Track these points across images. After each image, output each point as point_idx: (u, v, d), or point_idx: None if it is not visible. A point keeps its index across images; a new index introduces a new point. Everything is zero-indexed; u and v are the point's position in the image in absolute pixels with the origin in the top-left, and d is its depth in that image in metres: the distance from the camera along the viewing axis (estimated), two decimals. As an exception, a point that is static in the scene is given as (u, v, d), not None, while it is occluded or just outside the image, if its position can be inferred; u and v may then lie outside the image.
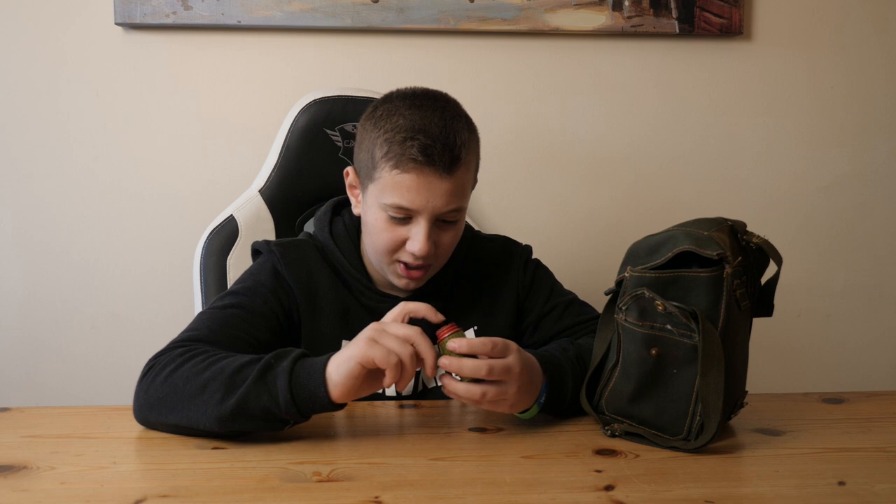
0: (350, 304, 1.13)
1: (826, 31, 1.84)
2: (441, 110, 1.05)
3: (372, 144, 1.06)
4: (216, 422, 0.88)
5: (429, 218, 1.05)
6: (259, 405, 0.87)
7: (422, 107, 1.05)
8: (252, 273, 1.12)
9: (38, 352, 1.80)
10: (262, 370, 0.88)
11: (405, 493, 0.77)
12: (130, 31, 1.74)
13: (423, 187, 1.03)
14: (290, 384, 0.86)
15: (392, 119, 1.04)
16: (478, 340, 0.90)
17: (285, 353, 0.90)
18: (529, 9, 1.74)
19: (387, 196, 1.04)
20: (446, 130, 1.03)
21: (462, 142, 1.05)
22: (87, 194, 1.77)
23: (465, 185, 1.08)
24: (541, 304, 1.21)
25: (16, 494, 0.76)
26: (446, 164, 1.03)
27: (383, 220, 1.06)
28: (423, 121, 1.03)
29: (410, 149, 1.01)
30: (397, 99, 1.08)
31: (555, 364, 1.00)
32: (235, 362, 0.89)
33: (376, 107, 1.09)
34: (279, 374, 0.87)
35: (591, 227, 1.85)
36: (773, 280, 0.98)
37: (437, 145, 1.02)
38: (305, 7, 1.71)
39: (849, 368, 1.94)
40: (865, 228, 1.91)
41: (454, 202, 1.05)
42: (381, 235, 1.07)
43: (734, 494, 0.78)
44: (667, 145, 1.85)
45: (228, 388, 0.87)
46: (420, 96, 1.07)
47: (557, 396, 0.99)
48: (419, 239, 1.05)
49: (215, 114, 1.77)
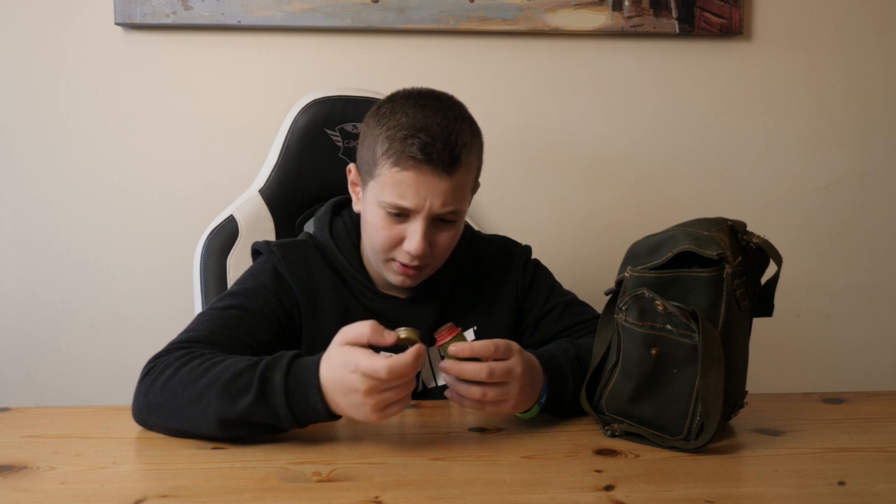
0: (350, 304, 1.13)
1: (826, 31, 1.84)
2: (445, 111, 1.05)
3: (374, 141, 1.06)
4: (217, 428, 0.88)
5: (426, 217, 1.04)
6: (262, 422, 0.87)
7: (426, 106, 1.05)
8: (253, 274, 1.12)
9: (38, 352, 1.80)
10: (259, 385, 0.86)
11: (405, 493, 0.77)
12: (130, 31, 1.74)
13: (422, 186, 1.02)
14: (287, 402, 0.86)
15: (395, 116, 1.04)
16: (480, 344, 0.90)
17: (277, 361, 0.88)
18: (529, 9, 1.74)
19: (385, 194, 1.04)
20: (448, 130, 1.03)
21: (463, 143, 1.04)
22: (87, 194, 1.77)
23: (465, 186, 1.07)
24: (540, 304, 1.21)
25: (16, 494, 0.76)
26: (445, 164, 1.02)
27: (381, 217, 1.06)
28: (425, 120, 1.03)
29: (410, 146, 1.01)
30: (402, 98, 1.07)
31: (555, 364, 1.00)
32: (230, 369, 0.89)
33: (381, 104, 1.09)
34: (276, 390, 0.86)
35: (591, 227, 1.85)
36: (773, 280, 0.98)
37: (437, 144, 1.01)
38: (305, 7, 1.71)
39: (849, 368, 1.94)
40: (865, 228, 1.90)
41: (452, 203, 1.05)
42: (379, 233, 1.07)
43: (734, 494, 0.78)
44: (667, 145, 1.85)
45: (225, 396, 0.87)
46: (425, 96, 1.07)
47: (558, 396, 0.99)
48: (415, 238, 1.04)
49: (215, 114, 1.77)
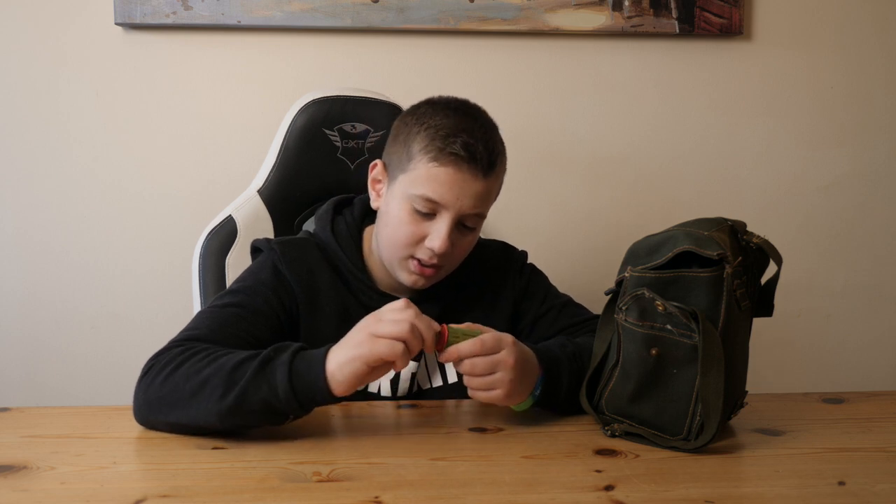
0: (350, 303, 1.14)
1: (826, 31, 1.84)
2: (483, 120, 1.11)
3: (410, 138, 1.08)
4: (217, 417, 0.88)
5: (454, 216, 1.06)
6: (258, 398, 0.87)
7: (466, 113, 1.10)
8: (253, 271, 1.12)
9: (38, 352, 1.80)
10: (261, 363, 0.88)
11: (405, 493, 0.77)
12: (130, 31, 1.74)
13: (457, 183, 1.05)
14: (289, 376, 0.87)
15: (436, 117, 1.08)
16: (466, 345, 0.92)
17: (284, 347, 0.91)
18: (529, 9, 1.74)
19: (418, 187, 1.06)
20: (487, 136, 1.08)
21: (499, 151, 1.10)
22: (87, 194, 1.77)
23: (492, 193, 1.11)
24: (536, 307, 1.21)
25: (16, 494, 0.76)
26: (484, 166, 1.06)
27: (407, 212, 1.07)
28: (466, 123, 1.07)
29: (453, 144, 1.04)
30: (441, 102, 1.12)
31: (552, 358, 1.01)
32: (235, 358, 0.90)
33: (418, 105, 1.13)
34: (278, 367, 0.88)
35: (591, 227, 1.85)
36: (773, 280, 0.98)
37: (479, 146, 1.05)
38: (305, 7, 1.71)
39: (849, 368, 1.94)
40: (865, 228, 1.90)
41: (480, 206, 1.08)
42: (402, 228, 1.08)
43: (734, 494, 0.78)
44: (667, 145, 1.85)
45: (228, 383, 0.87)
46: (463, 103, 1.12)
47: (553, 390, 1.00)
48: (441, 235, 1.06)
49: (215, 114, 1.77)
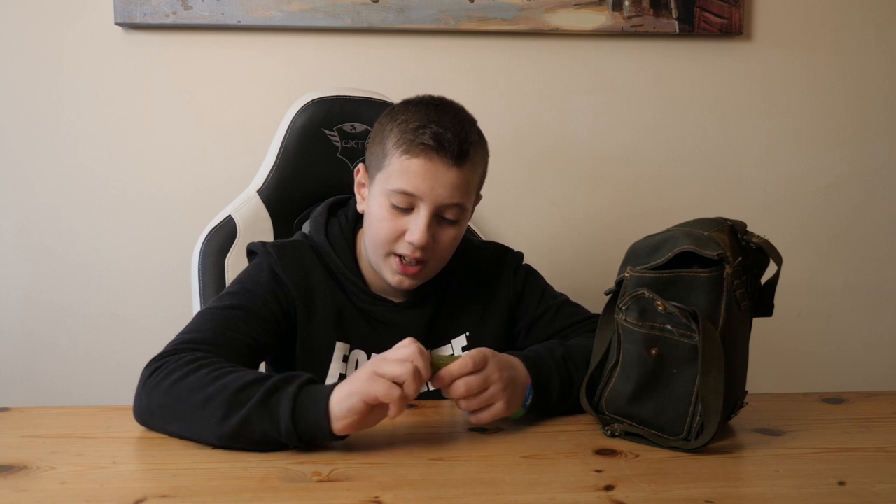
0: (344, 305, 1.13)
1: (826, 31, 1.84)
2: (456, 113, 1.10)
3: (384, 136, 1.09)
4: (216, 439, 0.88)
5: (431, 207, 1.06)
6: (260, 428, 0.85)
7: (437, 107, 1.10)
8: (250, 274, 1.12)
9: (38, 352, 1.80)
10: (266, 393, 0.86)
11: (405, 493, 0.77)
12: (130, 31, 1.74)
13: (430, 173, 1.05)
14: (293, 411, 0.85)
15: (408, 113, 1.08)
16: (456, 365, 0.91)
17: (292, 378, 0.88)
18: (529, 9, 1.74)
19: (393, 181, 1.06)
20: (458, 127, 1.07)
21: (472, 141, 1.08)
22: (87, 194, 1.77)
23: (470, 183, 1.09)
24: (532, 308, 1.21)
25: (16, 494, 0.76)
26: (455, 154, 1.05)
27: (386, 208, 1.07)
28: (436, 115, 1.07)
29: (422, 135, 1.05)
30: (414, 100, 1.12)
31: (540, 364, 1.00)
32: (240, 380, 0.88)
33: (394, 106, 1.13)
34: (283, 400, 0.85)
35: (591, 227, 1.85)
36: (773, 280, 0.98)
37: (447, 134, 1.05)
38: (305, 7, 1.71)
39: (849, 368, 1.94)
40: (865, 228, 1.90)
41: (458, 196, 1.07)
42: (382, 224, 1.08)
43: (734, 494, 0.78)
44: (667, 145, 1.85)
45: (231, 406, 0.86)
46: (437, 100, 1.12)
47: (543, 396, 1.00)
48: (420, 227, 1.05)
49: (215, 114, 1.77)
